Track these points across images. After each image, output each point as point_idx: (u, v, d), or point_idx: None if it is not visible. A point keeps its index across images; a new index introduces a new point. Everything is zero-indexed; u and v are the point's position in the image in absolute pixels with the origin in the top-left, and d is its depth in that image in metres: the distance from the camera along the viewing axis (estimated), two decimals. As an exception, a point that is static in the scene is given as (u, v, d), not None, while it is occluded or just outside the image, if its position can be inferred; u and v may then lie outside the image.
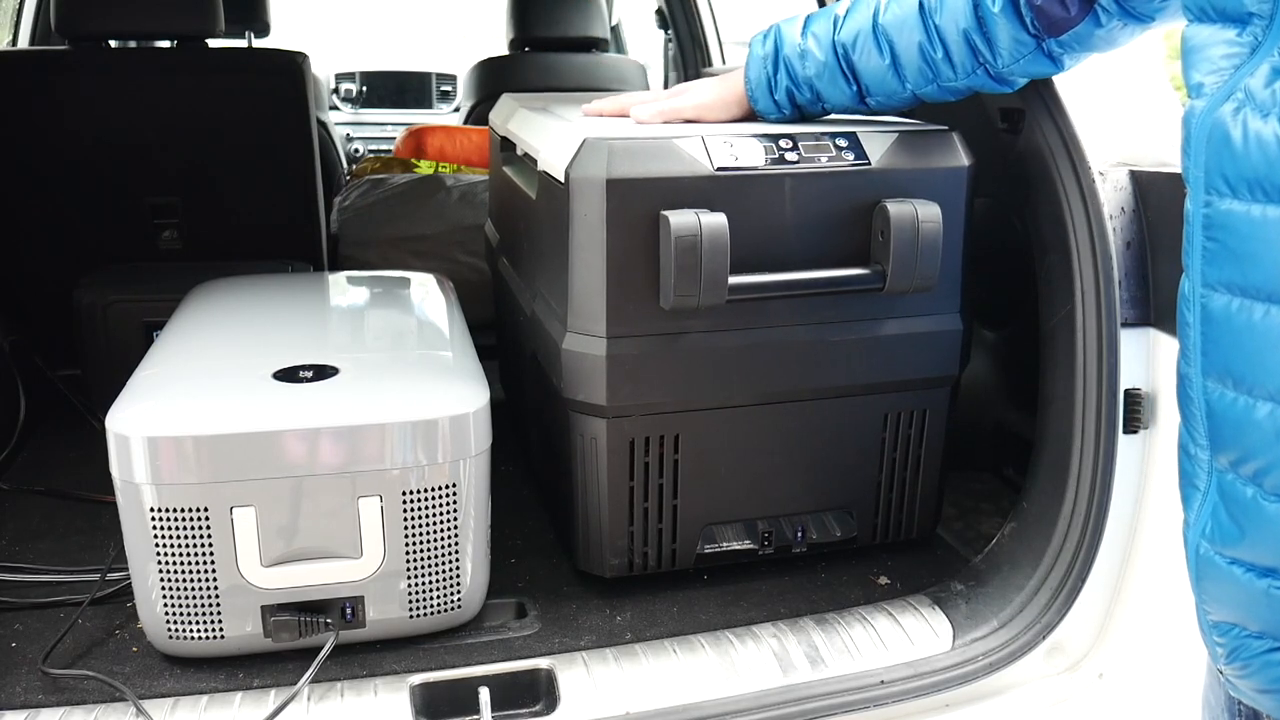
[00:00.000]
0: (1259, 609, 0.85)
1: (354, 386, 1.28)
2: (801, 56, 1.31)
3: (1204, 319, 0.85)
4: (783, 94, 1.34)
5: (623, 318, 1.28)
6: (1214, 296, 0.83)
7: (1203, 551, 0.88)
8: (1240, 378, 0.82)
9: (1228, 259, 0.82)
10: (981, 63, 1.22)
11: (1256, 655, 0.86)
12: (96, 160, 2.26)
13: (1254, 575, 0.84)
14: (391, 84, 4.97)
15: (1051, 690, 1.36)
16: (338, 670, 1.26)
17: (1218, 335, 0.84)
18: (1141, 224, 1.31)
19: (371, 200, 2.66)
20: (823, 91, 1.32)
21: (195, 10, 2.28)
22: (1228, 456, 0.85)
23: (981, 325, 1.72)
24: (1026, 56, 1.20)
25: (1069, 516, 1.34)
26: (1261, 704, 0.91)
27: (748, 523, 1.45)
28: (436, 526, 1.26)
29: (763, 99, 1.35)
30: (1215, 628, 0.90)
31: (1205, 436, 0.87)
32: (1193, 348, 0.86)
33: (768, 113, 1.36)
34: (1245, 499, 0.84)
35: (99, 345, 2.01)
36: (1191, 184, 0.83)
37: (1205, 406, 0.86)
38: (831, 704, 1.25)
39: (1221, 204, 0.81)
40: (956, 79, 1.25)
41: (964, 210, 1.35)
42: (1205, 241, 0.83)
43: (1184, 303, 0.87)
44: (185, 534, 1.19)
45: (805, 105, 1.35)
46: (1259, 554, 0.84)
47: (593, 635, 1.34)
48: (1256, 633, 0.86)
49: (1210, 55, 0.81)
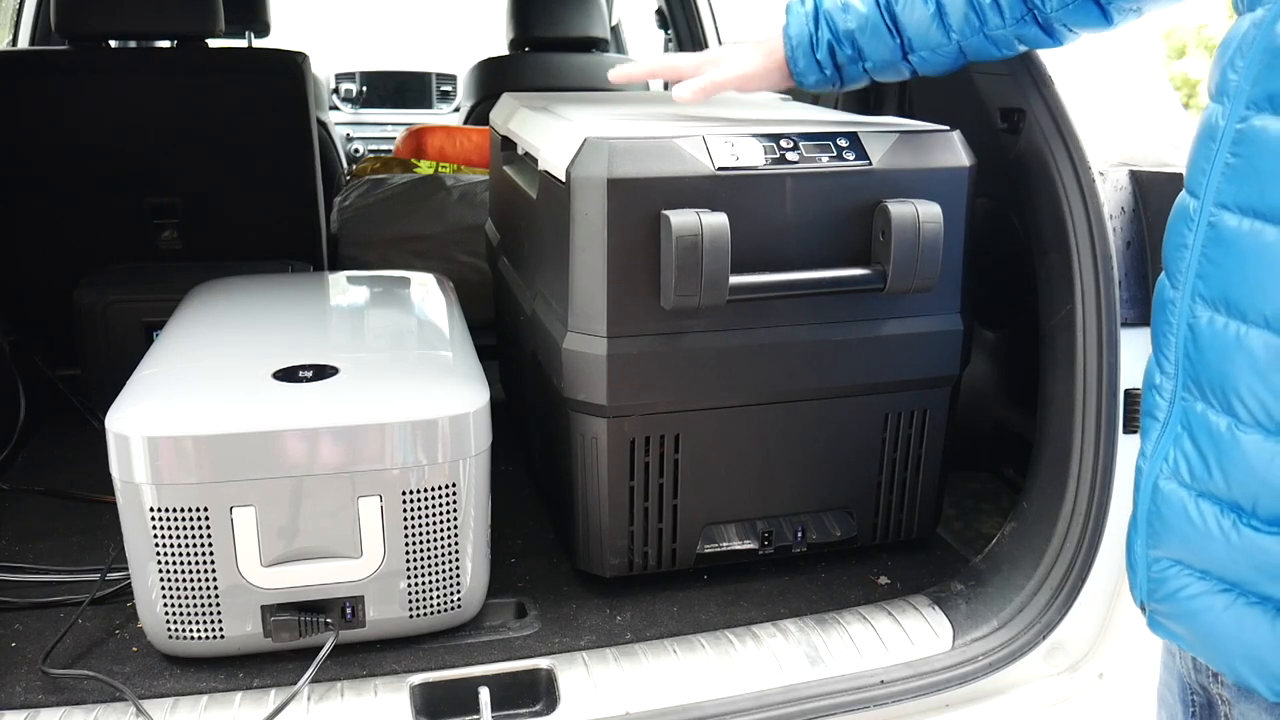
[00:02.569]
0: (1214, 549, 0.83)
1: (354, 386, 1.28)
2: (844, 9, 1.28)
3: (1209, 240, 0.83)
4: (824, 51, 1.30)
5: (623, 317, 1.28)
6: (1225, 216, 0.82)
7: (1163, 486, 0.87)
8: (1235, 302, 0.81)
9: (1250, 177, 0.80)
10: (1031, 7, 1.19)
11: (1195, 597, 0.86)
12: (96, 160, 2.26)
13: (1220, 511, 0.83)
14: (391, 84, 4.97)
15: (1051, 690, 1.36)
16: (338, 670, 1.26)
17: (1221, 257, 0.82)
18: (1141, 224, 1.31)
19: (371, 200, 2.66)
20: (865, 47, 1.29)
21: (195, 10, 2.28)
22: (1200, 385, 0.84)
23: (981, 325, 1.72)
24: (1075, 1, 1.17)
25: (1069, 516, 1.34)
26: (1194, 648, 0.90)
27: (748, 523, 1.45)
28: (436, 526, 1.26)
29: (804, 58, 1.31)
30: (1155, 563, 0.89)
31: (1176, 364, 0.86)
32: (1186, 270, 0.85)
33: (808, 73, 1.32)
34: (1217, 431, 0.82)
35: (99, 345, 2.01)
36: (1232, 96, 0.81)
37: (1188, 333, 0.84)
38: (831, 704, 1.25)
39: (1258, 120, 0.79)
40: (1005, 25, 1.21)
41: (964, 210, 1.35)
42: (1230, 158, 0.81)
43: (1182, 222, 0.85)
44: (185, 534, 1.19)
45: (846, 64, 1.31)
46: (1230, 488, 0.82)
47: (593, 635, 1.34)
48: (1201, 571, 0.85)
49: None
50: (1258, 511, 0.81)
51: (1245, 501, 0.81)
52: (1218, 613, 0.85)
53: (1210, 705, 0.94)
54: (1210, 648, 0.87)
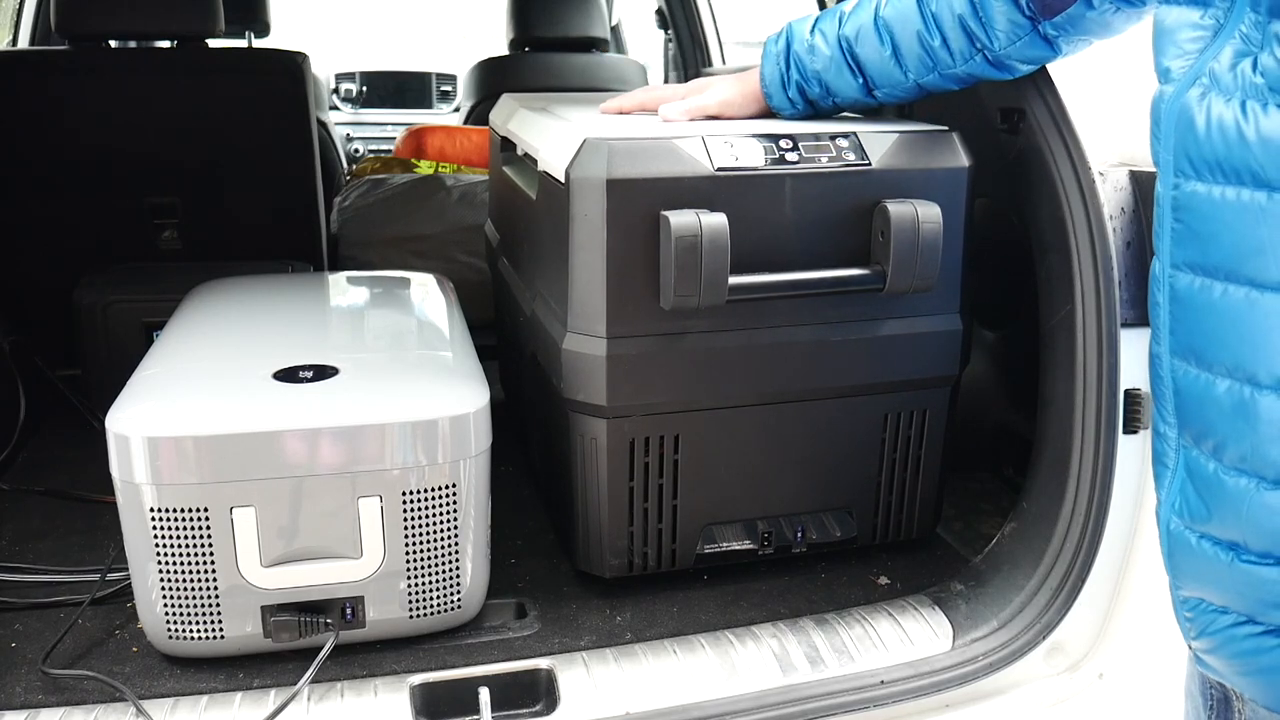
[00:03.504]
0: (1223, 583, 0.88)
1: (354, 386, 1.28)
2: (810, 51, 1.35)
3: (1171, 299, 0.88)
4: (794, 89, 1.38)
5: (623, 318, 1.28)
6: (1180, 276, 0.87)
7: (1173, 528, 0.92)
8: (1201, 354, 0.86)
9: (1191, 239, 0.85)
10: (979, 48, 1.24)
11: (1221, 630, 0.89)
12: (96, 160, 2.26)
13: (1219, 549, 0.87)
14: (391, 84, 4.97)
15: (1051, 690, 1.36)
16: (338, 670, 1.26)
17: (1182, 314, 0.88)
18: (1141, 224, 1.31)
19: (371, 200, 2.66)
20: (831, 84, 1.35)
21: (195, 10, 2.28)
22: (1191, 433, 0.89)
23: (981, 325, 1.72)
24: (1023, 39, 1.21)
25: (1069, 516, 1.34)
26: (1230, 679, 0.94)
27: (748, 523, 1.45)
28: (436, 527, 1.26)
29: (777, 94, 1.39)
30: (1185, 604, 0.93)
31: (1173, 414, 0.90)
32: (1162, 327, 0.90)
33: (782, 108, 1.40)
34: (1208, 474, 0.87)
35: (99, 345, 2.01)
36: (1161, 168, 0.87)
37: (1173, 384, 0.90)
38: (831, 704, 1.25)
39: (1187, 186, 0.85)
40: (955, 65, 1.27)
41: (964, 210, 1.35)
42: (1173, 223, 0.87)
43: (1154, 284, 0.91)
44: (185, 534, 1.19)
45: (816, 99, 1.38)
46: (1222, 529, 0.87)
47: (593, 635, 1.34)
48: (1221, 607, 0.89)
49: (1177, 39, 0.85)
50: (1250, 546, 0.85)
51: (1238, 538, 0.86)
52: (1239, 642, 0.88)
53: (1226, 700, 0.98)
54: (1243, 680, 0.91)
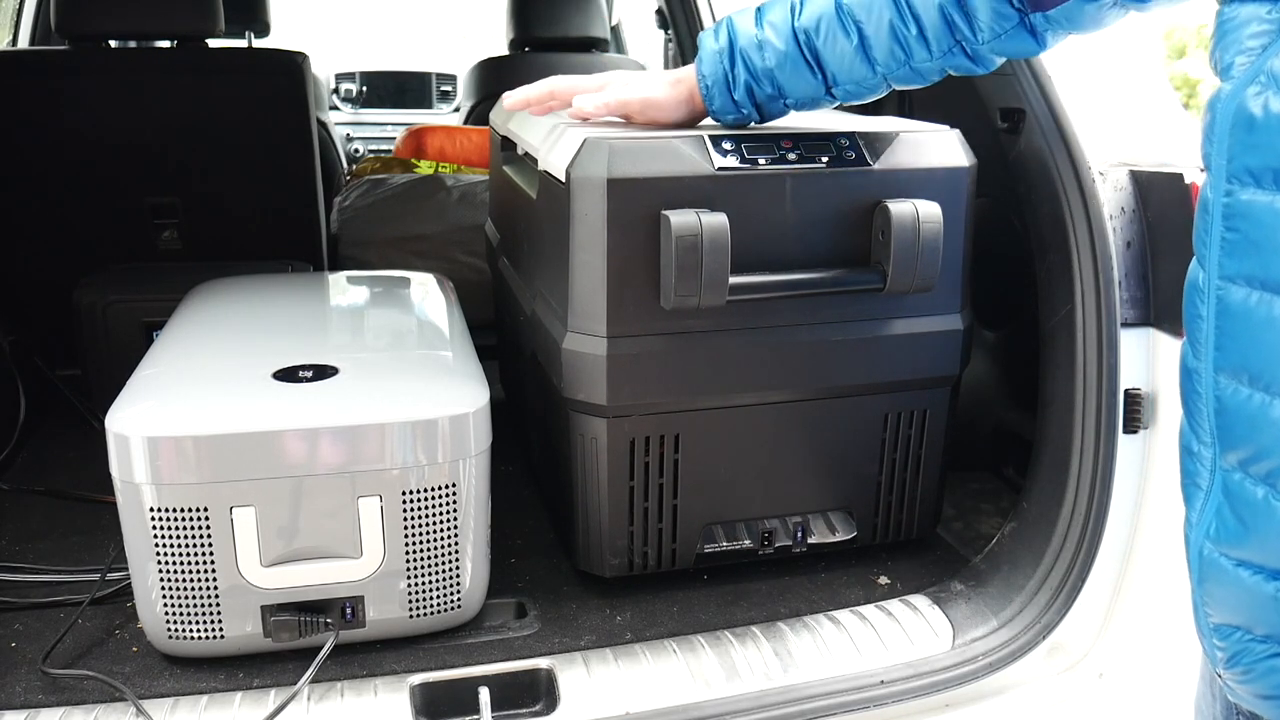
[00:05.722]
0: (1266, 612, 0.82)
1: (354, 386, 1.28)
2: (760, 47, 1.21)
3: (1219, 312, 0.80)
4: (743, 91, 1.24)
5: (623, 317, 1.28)
6: (1232, 289, 0.79)
7: (1206, 553, 0.85)
8: (1258, 374, 0.79)
9: (1249, 251, 0.78)
10: (959, 40, 1.14)
11: (1260, 660, 0.84)
12: (96, 160, 2.26)
13: (1262, 578, 0.81)
14: (391, 84, 4.97)
15: (1051, 690, 1.36)
16: (338, 670, 1.26)
17: (1234, 329, 0.80)
18: (1141, 224, 1.31)
19: (371, 200, 2.66)
20: (785, 84, 1.23)
21: (195, 10, 2.28)
22: (1237, 455, 0.82)
23: (981, 325, 1.72)
24: (1008, 32, 1.12)
25: (1069, 516, 1.34)
26: (1262, 709, 0.88)
27: (748, 523, 1.45)
28: (436, 526, 1.26)
29: (720, 97, 1.25)
30: (1216, 631, 0.87)
31: (1211, 434, 0.84)
32: (1204, 341, 0.82)
33: (724, 112, 1.27)
34: (1255, 499, 0.81)
35: (99, 345, 2.01)
36: (1213, 171, 0.79)
37: (1215, 403, 0.82)
38: (831, 704, 1.25)
39: (1243, 193, 0.77)
40: (931, 58, 1.16)
41: (965, 210, 1.35)
42: (1225, 232, 0.79)
43: (1195, 294, 0.83)
44: (185, 534, 1.19)
45: (766, 102, 1.26)
46: (1268, 556, 0.81)
47: (593, 635, 1.34)
48: (1261, 636, 0.84)
49: (1240, 35, 0.77)
50: None
51: None
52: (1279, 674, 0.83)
53: None
54: None
